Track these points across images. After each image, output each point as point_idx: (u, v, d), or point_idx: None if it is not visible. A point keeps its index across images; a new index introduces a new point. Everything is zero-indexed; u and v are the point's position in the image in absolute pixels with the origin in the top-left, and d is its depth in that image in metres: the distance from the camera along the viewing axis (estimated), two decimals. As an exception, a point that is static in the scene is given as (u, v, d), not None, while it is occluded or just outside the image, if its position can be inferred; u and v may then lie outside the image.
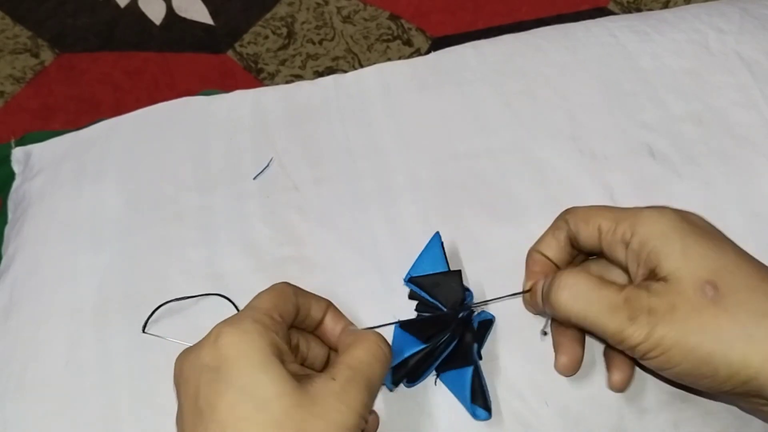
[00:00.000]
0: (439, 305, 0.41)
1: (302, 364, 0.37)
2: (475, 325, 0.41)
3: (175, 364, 0.32)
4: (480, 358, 0.41)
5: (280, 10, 1.15)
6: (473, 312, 0.41)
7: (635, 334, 0.32)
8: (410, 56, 1.08)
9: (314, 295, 0.38)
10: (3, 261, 0.51)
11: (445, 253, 0.43)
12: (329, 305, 0.38)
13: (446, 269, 0.42)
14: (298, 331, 0.37)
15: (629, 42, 0.55)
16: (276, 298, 0.34)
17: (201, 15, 1.15)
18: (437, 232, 0.44)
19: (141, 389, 0.42)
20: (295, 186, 0.50)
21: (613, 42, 0.55)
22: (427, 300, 0.42)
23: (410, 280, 0.42)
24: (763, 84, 0.52)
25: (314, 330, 0.38)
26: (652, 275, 0.34)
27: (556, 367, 0.40)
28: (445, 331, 0.40)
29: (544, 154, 0.49)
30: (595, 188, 0.48)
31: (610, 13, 1.14)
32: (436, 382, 0.41)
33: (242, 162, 0.51)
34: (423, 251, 0.43)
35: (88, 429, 0.41)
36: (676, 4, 1.17)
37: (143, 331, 0.44)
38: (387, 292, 0.44)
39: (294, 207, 0.49)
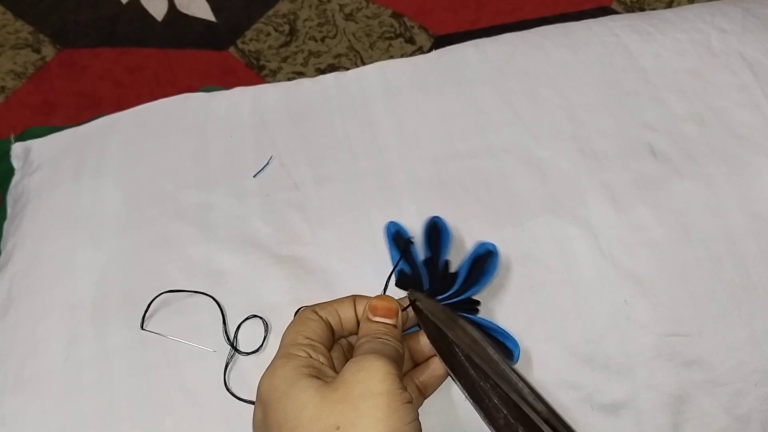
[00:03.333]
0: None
1: None
2: (470, 265, 0.42)
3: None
4: (477, 311, 0.42)
5: (282, 7, 1.15)
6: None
7: None
8: (413, 54, 1.08)
9: (336, 300, 0.39)
10: (2, 256, 0.50)
11: (389, 240, 0.44)
12: (355, 299, 0.39)
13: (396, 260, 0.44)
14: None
15: (631, 41, 0.55)
16: (296, 326, 0.37)
17: (203, 11, 1.15)
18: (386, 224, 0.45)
19: (139, 386, 0.42)
20: (295, 184, 0.49)
21: (615, 41, 0.55)
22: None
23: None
24: (765, 84, 0.51)
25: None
26: None
27: None
28: None
29: (545, 154, 0.49)
30: (596, 188, 0.47)
31: (614, 12, 1.14)
32: None
33: (242, 159, 0.51)
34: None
35: (86, 425, 0.41)
36: (679, 4, 1.17)
37: (142, 328, 0.44)
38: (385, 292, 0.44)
39: (294, 206, 0.48)
